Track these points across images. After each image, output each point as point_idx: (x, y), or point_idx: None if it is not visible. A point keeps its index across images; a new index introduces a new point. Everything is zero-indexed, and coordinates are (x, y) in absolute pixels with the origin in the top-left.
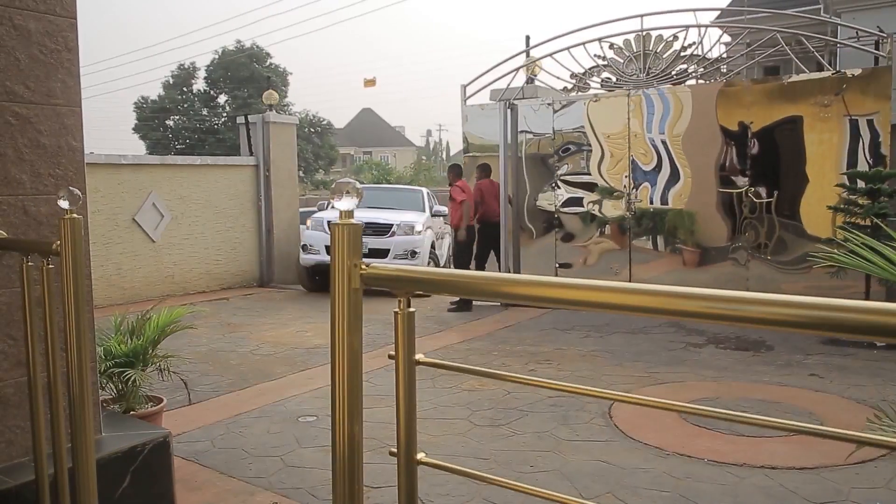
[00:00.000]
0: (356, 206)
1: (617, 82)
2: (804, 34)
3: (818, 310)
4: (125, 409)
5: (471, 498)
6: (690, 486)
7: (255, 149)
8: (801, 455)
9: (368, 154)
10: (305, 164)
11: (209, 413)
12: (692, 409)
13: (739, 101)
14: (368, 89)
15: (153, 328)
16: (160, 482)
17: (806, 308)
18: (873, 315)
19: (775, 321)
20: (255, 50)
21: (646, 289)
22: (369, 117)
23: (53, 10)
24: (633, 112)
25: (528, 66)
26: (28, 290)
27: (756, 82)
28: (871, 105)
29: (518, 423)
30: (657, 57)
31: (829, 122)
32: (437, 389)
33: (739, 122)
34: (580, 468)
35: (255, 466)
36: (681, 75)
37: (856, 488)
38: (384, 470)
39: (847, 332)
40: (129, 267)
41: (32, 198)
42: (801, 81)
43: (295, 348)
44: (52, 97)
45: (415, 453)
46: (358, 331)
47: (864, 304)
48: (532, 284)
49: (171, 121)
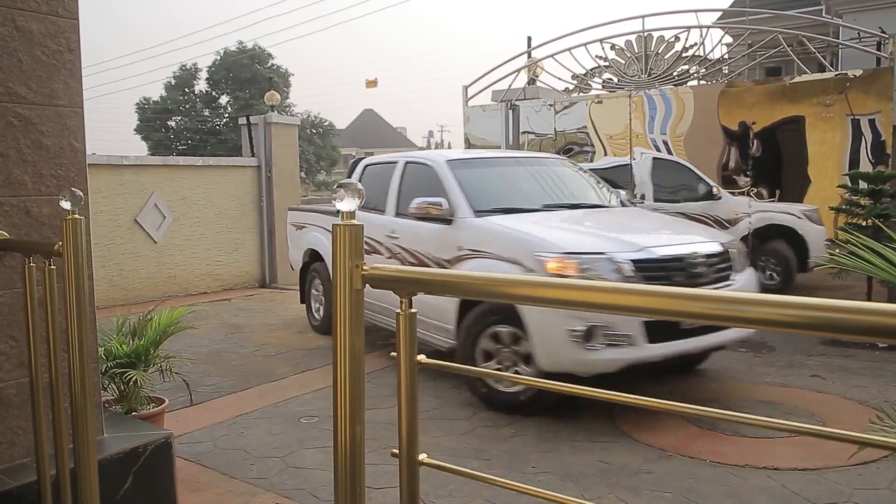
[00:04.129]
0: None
1: (618, 83)
2: (806, 35)
3: (818, 311)
4: (127, 410)
5: (473, 499)
6: (692, 487)
7: (257, 150)
8: (803, 456)
9: (370, 155)
10: (307, 165)
11: (211, 414)
12: (694, 409)
13: (741, 102)
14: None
15: (155, 329)
16: (162, 483)
17: (806, 309)
18: (874, 316)
19: (776, 322)
20: (257, 51)
21: (646, 289)
22: (371, 118)
23: (56, 12)
24: (635, 113)
25: (530, 67)
26: (30, 291)
27: (758, 83)
28: (873, 105)
29: (520, 424)
30: (659, 58)
31: (831, 122)
32: (439, 390)
33: (741, 122)
34: (582, 469)
35: (257, 467)
36: (682, 76)
37: (858, 490)
38: (386, 471)
39: (848, 334)
40: (130, 268)
41: (34, 199)
42: (802, 82)
43: (297, 349)
44: (54, 98)
45: (416, 454)
46: (360, 331)
47: (865, 304)
48: (532, 285)
49: (172, 122)
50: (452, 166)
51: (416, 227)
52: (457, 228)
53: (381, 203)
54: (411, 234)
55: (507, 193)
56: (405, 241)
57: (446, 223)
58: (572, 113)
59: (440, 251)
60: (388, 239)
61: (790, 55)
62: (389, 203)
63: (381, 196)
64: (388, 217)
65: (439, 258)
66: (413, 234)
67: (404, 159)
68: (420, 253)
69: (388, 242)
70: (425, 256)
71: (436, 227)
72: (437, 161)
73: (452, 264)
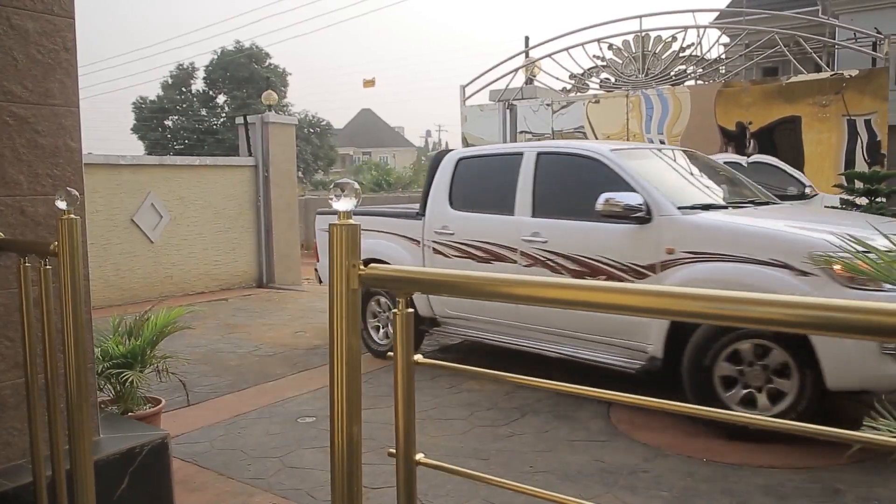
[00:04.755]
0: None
1: (616, 83)
2: (802, 35)
3: (818, 310)
4: (123, 411)
5: (470, 498)
6: (690, 486)
7: (254, 149)
8: (800, 454)
9: (368, 155)
10: (304, 165)
11: (208, 414)
12: (691, 408)
13: (738, 102)
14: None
15: (151, 329)
16: (159, 484)
17: (806, 308)
18: (874, 315)
19: (776, 321)
20: (254, 50)
21: (645, 289)
22: (369, 118)
23: (51, 10)
24: (632, 112)
25: (528, 67)
26: (26, 291)
27: (754, 83)
28: (869, 105)
29: (517, 424)
30: (656, 58)
31: (827, 122)
32: (437, 390)
33: (738, 122)
34: (580, 468)
35: (254, 467)
36: (679, 76)
37: (854, 487)
38: (383, 471)
39: (848, 333)
40: (127, 268)
41: (30, 198)
42: (799, 82)
43: (294, 349)
44: (49, 97)
45: (414, 454)
46: (356, 331)
47: (865, 304)
48: (531, 285)
49: (169, 121)
50: (623, 157)
51: (584, 230)
52: (660, 228)
53: (497, 202)
54: (574, 236)
55: (687, 188)
56: (561, 245)
57: (641, 222)
58: (569, 112)
59: (633, 256)
60: (527, 244)
61: (787, 55)
62: (521, 202)
63: (499, 194)
64: (520, 218)
65: (632, 264)
66: (579, 237)
67: (535, 150)
68: (595, 259)
69: (527, 248)
70: (605, 262)
71: (621, 227)
72: (602, 152)
73: (657, 270)
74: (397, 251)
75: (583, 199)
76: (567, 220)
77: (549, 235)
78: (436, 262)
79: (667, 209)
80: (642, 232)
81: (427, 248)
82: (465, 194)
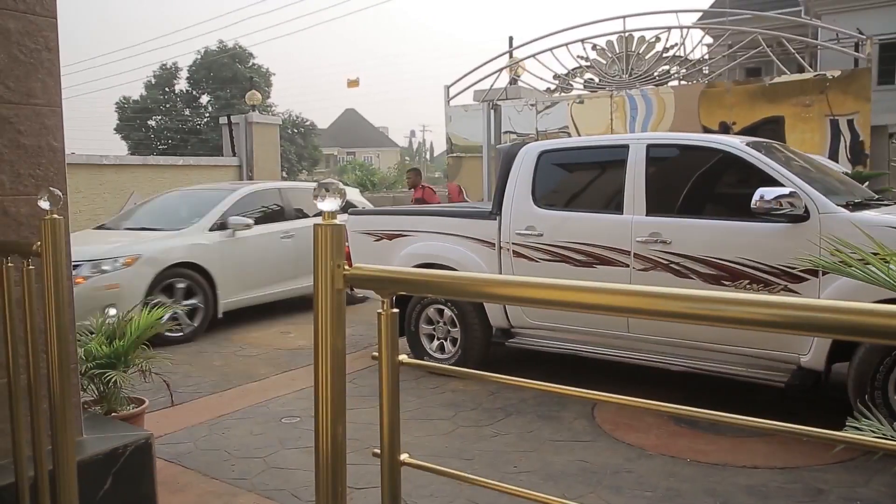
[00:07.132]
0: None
1: (600, 83)
2: (785, 36)
3: (813, 311)
4: (107, 411)
5: (454, 498)
6: (673, 486)
7: (238, 149)
8: (783, 454)
9: (352, 155)
10: (289, 165)
11: (192, 414)
12: (674, 408)
13: (721, 102)
14: (352, 90)
15: (135, 329)
16: (142, 484)
17: (800, 310)
18: (868, 317)
19: (770, 322)
20: (237, 50)
21: (636, 290)
22: (353, 118)
23: (33, 10)
24: (617, 113)
25: (512, 67)
26: (8, 292)
27: (738, 83)
28: (852, 105)
29: (502, 424)
30: (640, 58)
31: (811, 122)
32: (421, 390)
33: (721, 122)
34: (564, 468)
35: (238, 468)
36: (663, 76)
37: (836, 487)
38: (367, 471)
39: (841, 335)
40: None
41: (12, 198)
42: (782, 83)
43: (278, 349)
44: (32, 97)
45: (398, 454)
46: (341, 332)
47: (859, 305)
48: (517, 285)
49: (153, 121)
50: (761, 151)
51: (718, 229)
52: (820, 228)
53: (598, 200)
54: (704, 237)
55: (825, 184)
56: (688, 246)
57: (796, 221)
58: (554, 113)
59: (786, 258)
60: (643, 246)
61: (770, 56)
62: (631, 199)
63: (601, 191)
64: (633, 217)
65: (784, 267)
66: (713, 238)
67: (643, 142)
68: (734, 262)
69: (643, 250)
70: (749, 266)
71: (766, 227)
72: (737, 146)
73: (818, 274)
74: (466, 255)
75: (713, 196)
76: (694, 219)
77: (673, 236)
78: (519, 267)
79: (827, 206)
80: (798, 231)
81: (506, 251)
82: (553, 191)
